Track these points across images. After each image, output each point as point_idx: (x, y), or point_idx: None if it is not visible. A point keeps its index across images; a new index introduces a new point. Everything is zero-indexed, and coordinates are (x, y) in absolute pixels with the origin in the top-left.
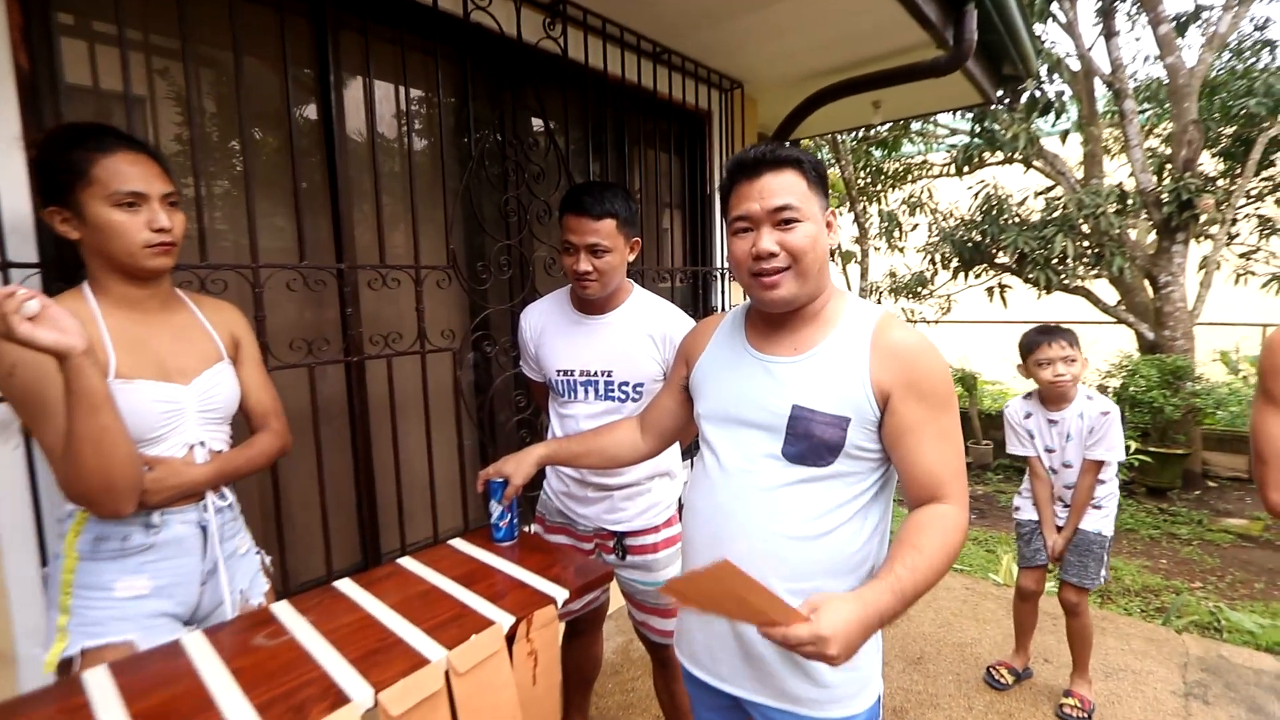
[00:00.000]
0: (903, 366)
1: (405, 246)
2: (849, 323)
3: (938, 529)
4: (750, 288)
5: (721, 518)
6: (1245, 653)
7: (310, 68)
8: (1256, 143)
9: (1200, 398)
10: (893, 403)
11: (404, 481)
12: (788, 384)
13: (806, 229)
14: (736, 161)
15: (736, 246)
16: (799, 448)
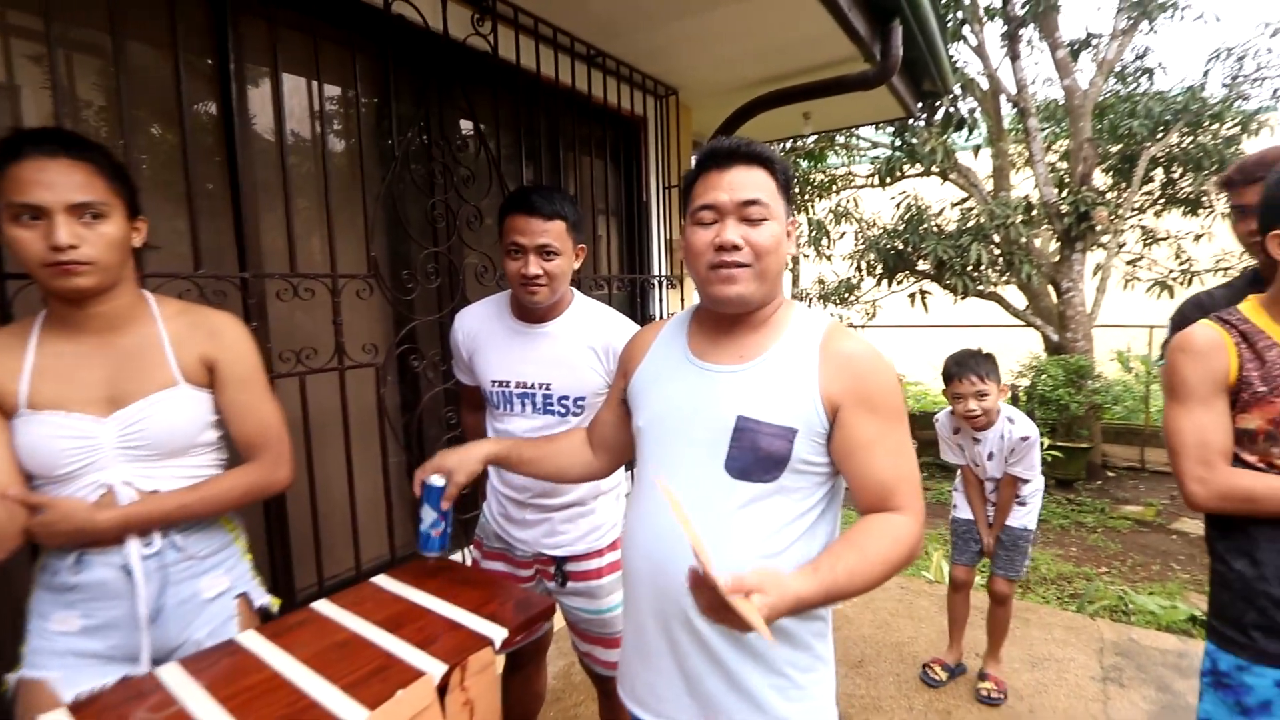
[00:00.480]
0: (853, 378)
1: (322, 254)
2: (796, 331)
3: (888, 538)
4: (706, 282)
5: (662, 544)
6: (1151, 634)
7: (207, 56)
8: (1139, 160)
9: (1100, 394)
10: (843, 415)
11: (322, 511)
12: (731, 394)
13: (772, 228)
14: (709, 151)
15: (697, 237)
16: (743, 462)
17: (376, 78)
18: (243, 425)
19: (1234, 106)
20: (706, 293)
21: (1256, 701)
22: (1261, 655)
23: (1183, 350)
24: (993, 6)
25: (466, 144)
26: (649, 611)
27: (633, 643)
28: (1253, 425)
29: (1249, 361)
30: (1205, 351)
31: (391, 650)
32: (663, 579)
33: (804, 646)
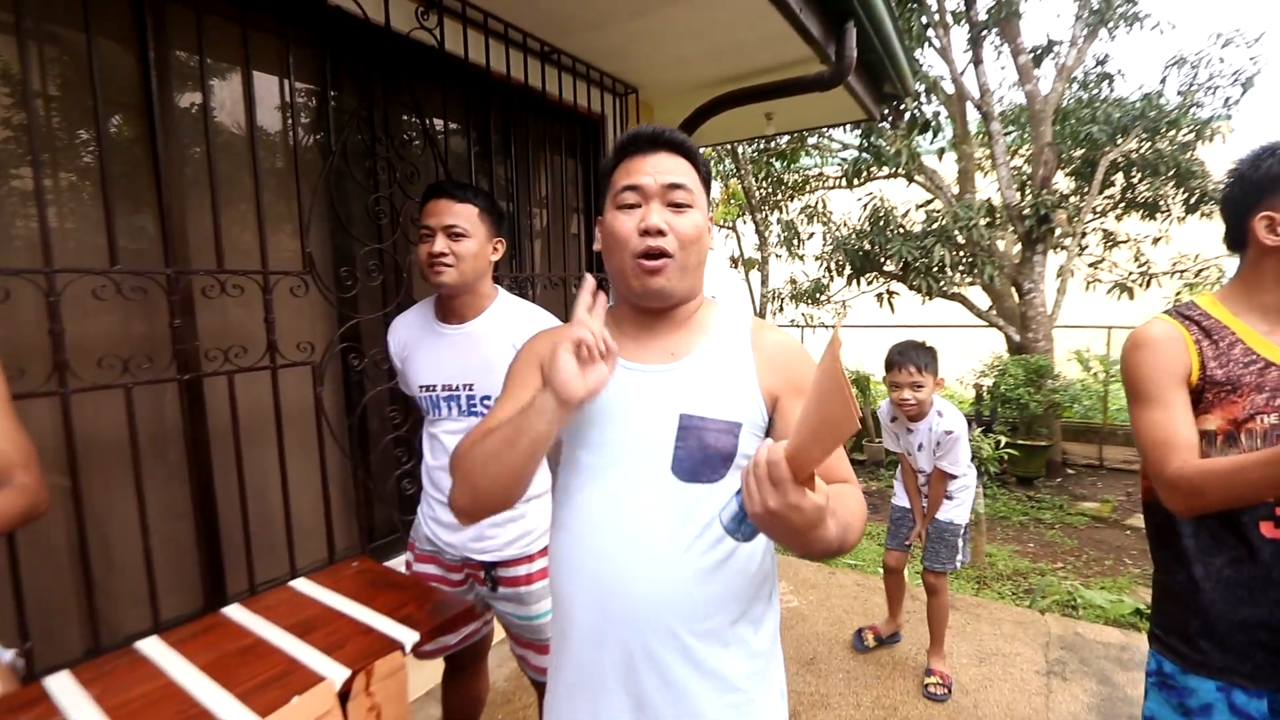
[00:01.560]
0: (788, 369)
1: (254, 249)
2: (723, 327)
3: (855, 499)
4: (629, 273)
5: (608, 564)
6: (1096, 628)
7: (123, 39)
8: (1100, 164)
9: (1059, 394)
10: (782, 405)
11: (255, 514)
12: (668, 392)
13: (696, 218)
14: (631, 135)
15: (620, 223)
16: (690, 462)
17: (314, 69)
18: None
19: (1189, 114)
20: (629, 286)
21: (1198, 704)
22: (1202, 666)
23: (1141, 347)
24: (957, 11)
25: (412, 140)
26: (595, 646)
27: (573, 682)
28: (1212, 427)
29: (1211, 359)
30: (1164, 348)
31: (296, 656)
32: (614, 603)
33: (759, 654)
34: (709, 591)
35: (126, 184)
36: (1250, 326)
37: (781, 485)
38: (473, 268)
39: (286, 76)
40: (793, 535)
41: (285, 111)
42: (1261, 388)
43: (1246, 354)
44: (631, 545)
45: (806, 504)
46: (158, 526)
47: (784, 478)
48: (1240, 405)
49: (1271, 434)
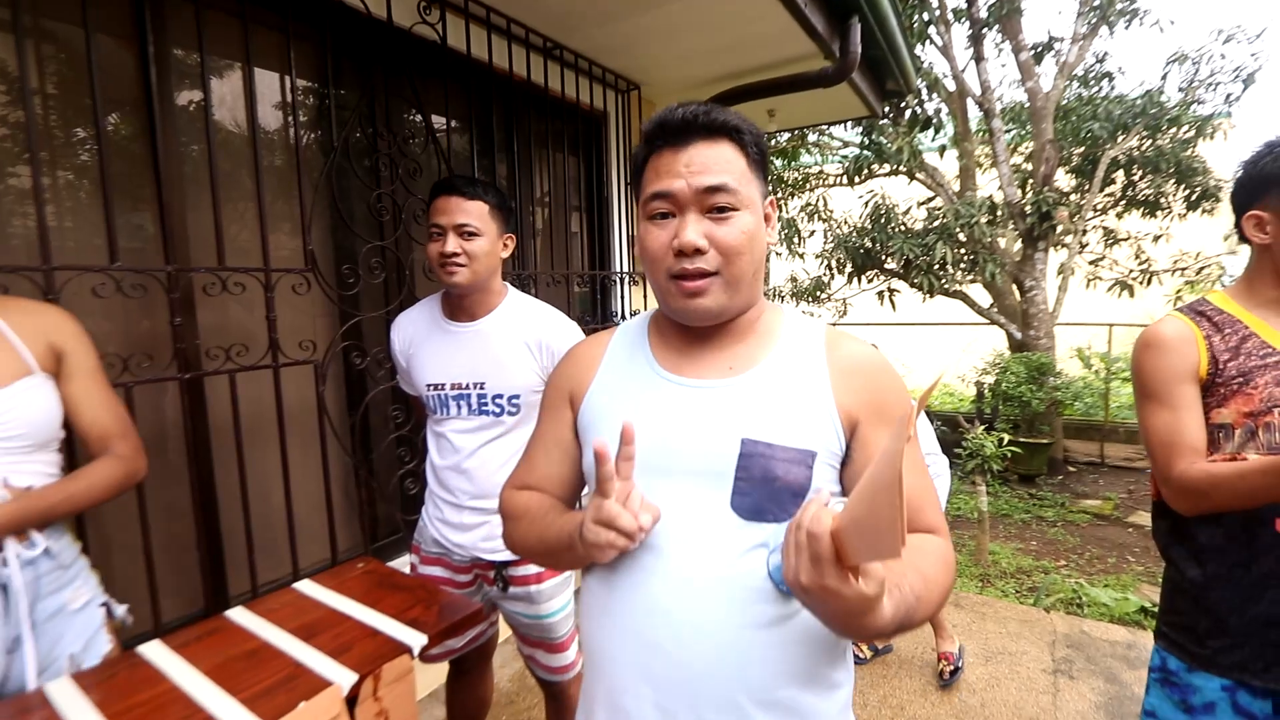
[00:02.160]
0: (869, 388)
1: (256, 247)
2: (792, 336)
3: (939, 560)
4: (666, 293)
5: (657, 619)
6: (1102, 626)
7: (122, 35)
8: (1100, 162)
9: (1061, 391)
10: (862, 433)
11: (257, 514)
12: (727, 412)
13: (744, 221)
14: (659, 123)
15: (652, 237)
16: (754, 497)
17: (315, 65)
18: (100, 416)
19: (1190, 111)
20: (667, 305)
21: (1202, 702)
22: (1210, 664)
23: (1150, 347)
24: (958, 8)
25: (414, 136)
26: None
27: None
28: (1228, 420)
29: (1222, 353)
30: (1174, 347)
31: (301, 660)
32: (661, 666)
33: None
34: (778, 652)
35: (126, 181)
36: (1264, 320)
37: (819, 564)
38: (485, 266)
39: (288, 73)
40: (831, 619)
41: (286, 108)
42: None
43: (1261, 347)
44: (684, 596)
45: (849, 592)
46: (158, 527)
47: (823, 556)
48: (1255, 398)
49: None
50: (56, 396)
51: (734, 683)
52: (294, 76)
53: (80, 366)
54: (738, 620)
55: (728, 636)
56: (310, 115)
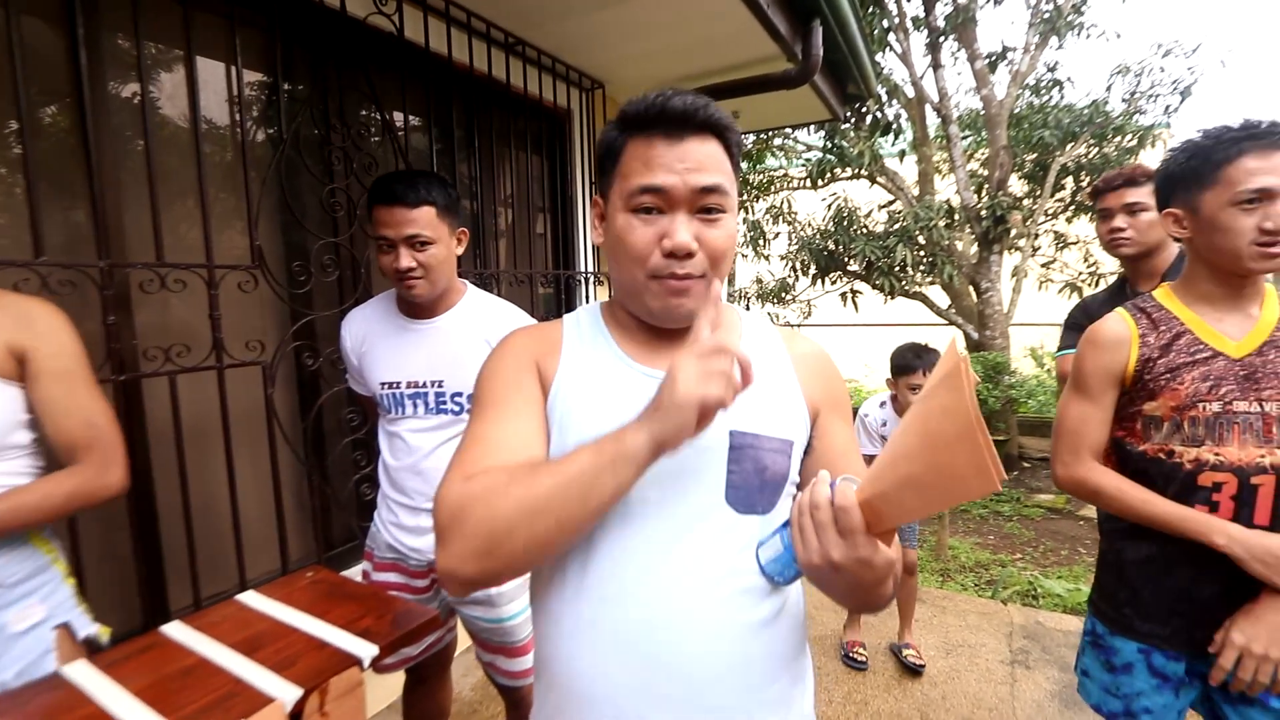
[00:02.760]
0: (825, 381)
1: (199, 243)
2: (753, 332)
3: None
4: (643, 291)
5: (656, 630)
6: (1056, 616)
7: (49, 18)
8: (1051, 168)
9: (1015, 389)
10: (822, 422)
11: (201, 524)
12: None
13: (730, 224)
14: (657, 109)
15: (635, 233)
16: (747, 489)
17: (263, 55)
18: (64, 422)
19: (1133, 120)
20: (643, 304)
21: (1122, 663)
22: (1128, 629)
23: (1089, 342)
24: (917, 17)
25: (370, 129)
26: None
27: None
28: (1158, 412)
29: (1154, 350)
30: (1107, 346)
31: (242, 676)
32: (662, 679)
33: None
34: (771, 648)
35: (55, 173)
36: (1200, 317)
37: (851, 537)
38: (444, 273)
39: (233, 63)
40: (853, 591)
41: (232, 99)
42: (1206, 376)
43: (1194, 344)
44: (683, 600)
45: (879, 559)
46: (91, 539)
47: (855, 527)
48: (1181, 393)
49: (1215, 422)
50: (10, 403)
51: (740, 686)
52: (240, 66)
53: (47, 368)
54: (741, 619)
55: (733, 637)
56: (259, 107)
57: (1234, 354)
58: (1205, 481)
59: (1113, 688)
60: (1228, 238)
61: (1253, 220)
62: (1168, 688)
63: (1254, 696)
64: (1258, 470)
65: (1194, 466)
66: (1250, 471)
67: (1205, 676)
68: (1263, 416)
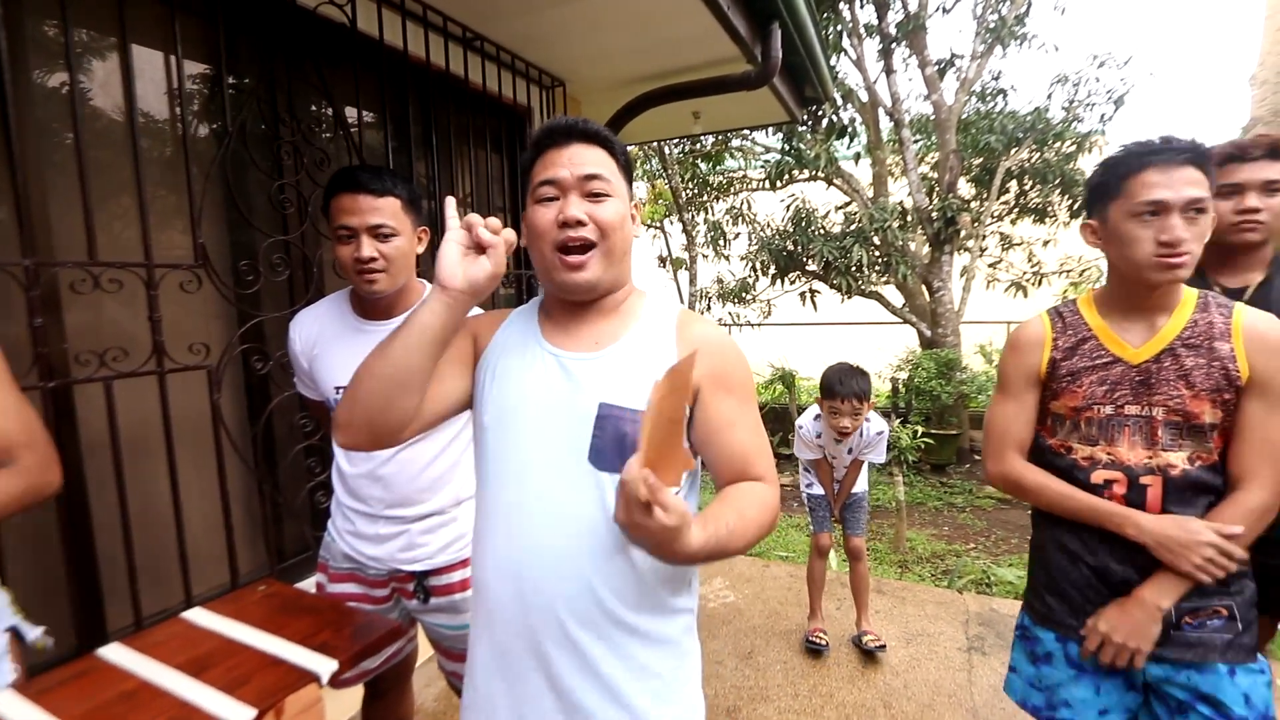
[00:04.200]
0: (710, 360)
1: (138, 241)
2: (650, 317)
3: (758, 502)
4: (552, 267)
5: (526, 552)
6: (1009, 603)
7: None
8: (997, 172)
9: (967, 385)
10: (703, 397)
11: (142, 537)
12: (590, 380)
13: (616, 205)
14: (546, 129)
15: (540, 216)
16: (607, 451)
17: (206, 44)
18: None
19: (1072, 127)
20: (553, 279)
21: (1043, 652)
22: (1046, 620)
23: (1010, 345)
24: (870, 24)
25: (322, 124)
26: (514, 632)
27: (491, 668)
28: (1061, 411)
29: (1060, 353)
30: (1025, 349)
31: (189, 698)
32: (529, 588)
33: (674, 643)
34: (621, 580)
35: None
36: (1108, 324)
37: (628, 503)
38: (404, 268)
39: (173, 52)
40: (647, 547)
41: (171, 90)
42: (1104, 380)
43: (1096, 349)
44: (547, 531)
45: (653, 524)
46: (18, 557)
47: (631, 498)
48: (1079, 395)
49: (1107, 423)
50: None
51: (590, 602)
52: (180, 56)
53: None
54: (588, 548)
55: (581, 562)
56: (201, 99)
57: (1132, 360)
58: (1098, 479)
59: (1036, 680)
60: (1129, 248)
61: (1149, 232)
62: (1086, 680)
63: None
64: (1146, 471)
65: (1088, 464)
66: (1139, 472)
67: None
68: (1150, 421)
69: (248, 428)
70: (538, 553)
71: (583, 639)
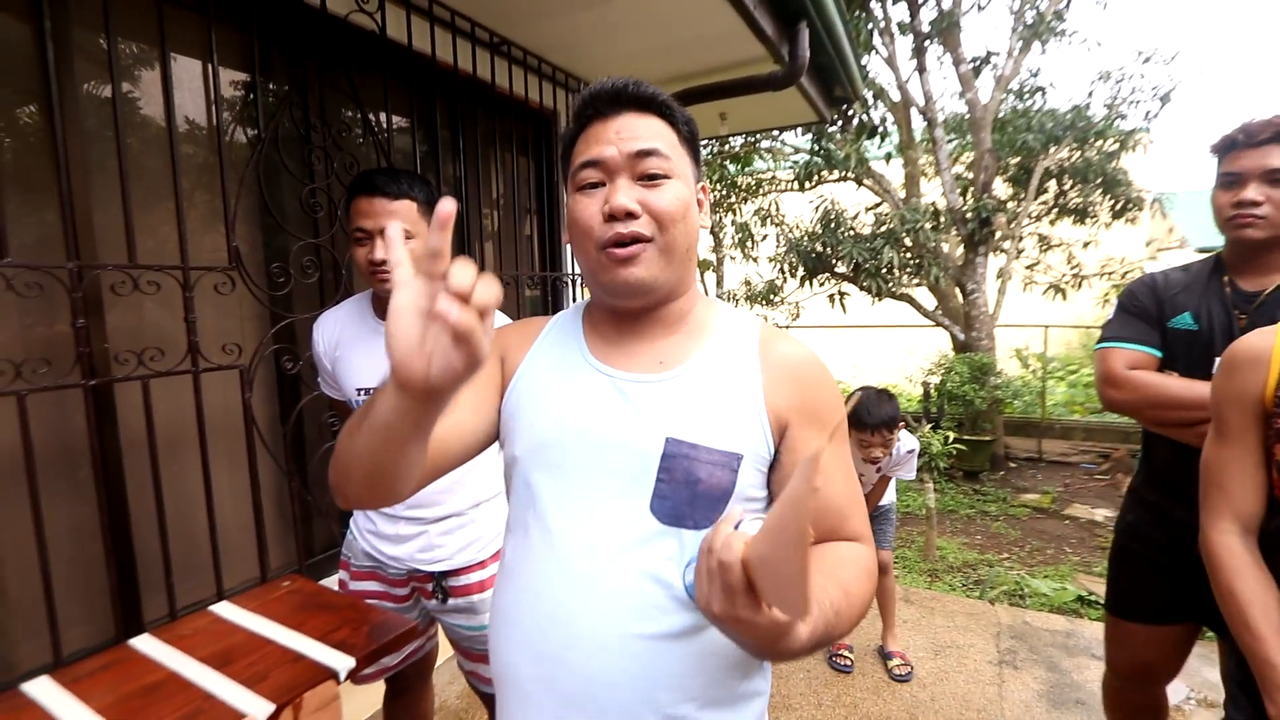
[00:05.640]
0: (802, 389)
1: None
2: (726, 332)
3: (862, 571)
4: (597, 267)
5: (561, 628)
6: (1043, 616)
7: (14, 10)
8: (1034, 171)
9: (1001, 390)
10: (791, 435)
11: (176, 532)
12: (653, 410)
13: (678, 189)
14: (590, 94)
15: (582, 208)
16: (674, 500)
17: (241, 52)
18: None
19: (1114, 125)
20: (599, 282)
21: None
22: None
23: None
24: (903, 22)
25: (352, 130)
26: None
27: None
28: None
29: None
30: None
31: (212, 691)
32: (564, 677)
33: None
34: (688, 665)
35: (22, 173)
36: None
37: (731, 595)
38: None
39: (209, 60)
40: (744, 646)
41: (209, 98)
42: None
43: None
44: (589, 603)
45: (762, 621)
46: (62, 549)
47: (735, 586)
48: None
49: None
50: None
51: (640, 698)
52: (217, 64)
53: None
54: (646, 631)
55: (634, 648)
56: (236, 106)
57: None
58: None
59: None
60: None
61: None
62: None
63: None
64: None
65: None
66: None
67: None
68: None
69: (278, 426)
70: (576, 630)
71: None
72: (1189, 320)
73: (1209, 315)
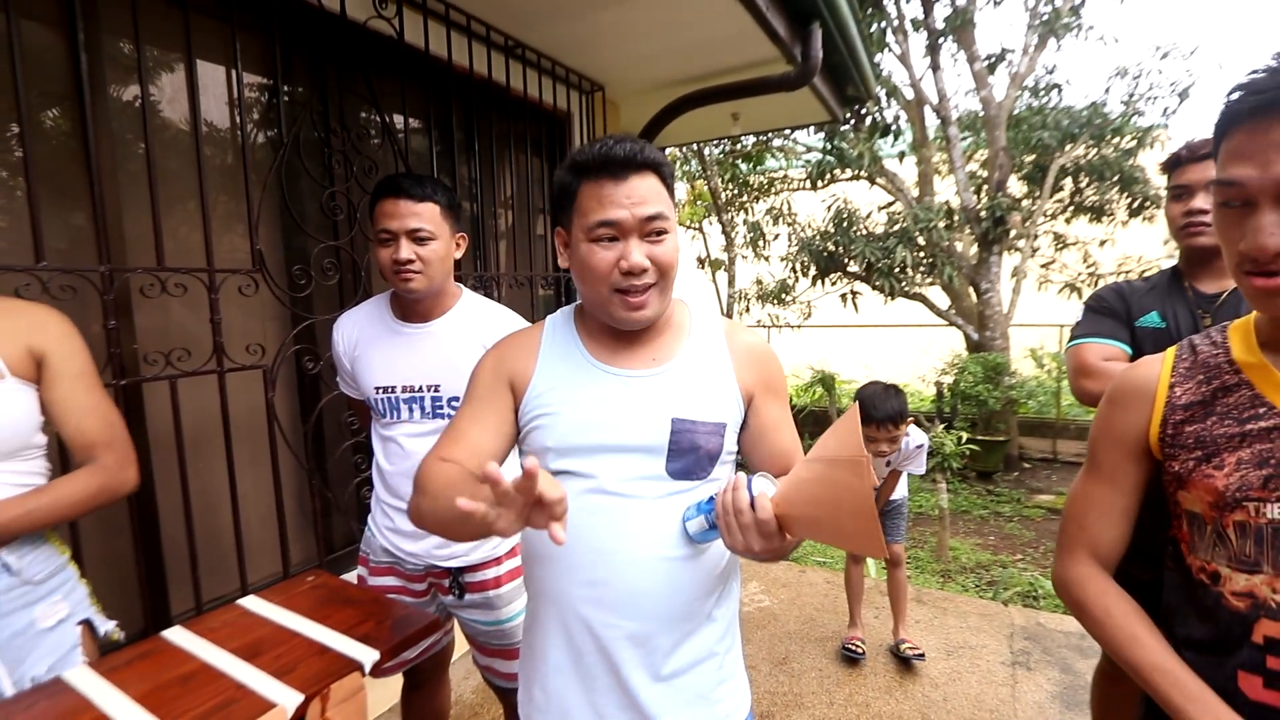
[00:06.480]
0: (761, 368)
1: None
2: (699, 330)
3: None
4: (608, 305)
5: (605, 558)
6: (1057, 618)
7: (49, 21)
8: (1050, 169)
9: (1015, 390)
10: (755, 403)
11: (202, 527)
12: (658, 397)
13: (673, 241)
14: (601, 157)
15: (599, 258)
16: (683, 462)
17: (263, 59)
18: (84, 422)
19: (1131, 122)
20: (609, 314)
21: None
22: None
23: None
24: (916, 19)
25: (370, 133)
26: (586, 634)
27: (566, 670)
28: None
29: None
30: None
31: (243, 681)
32: (611, 594)
33: (728, 621)
34: (692, 576)
35: (56, 178)
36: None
37: (771, 537)
38: (441, 270)
39: (233, 66)
40: (764, 559)
41: (232, 102)
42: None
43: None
44: (629, 539)
45: (788, 546)
46: (93, 543)
47: (773, 531)
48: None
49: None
50: (29, 402)
51: (664, 600)
52: (240, 70)
53: (65, 371)
54: (667, 555)
55: (661, 568)
56: (258, 111)
57: None
58: (1258, 636)
59: None
60: None
61: None
62: None
63: None
64: None
65: (1246, 607)
66: None
67: None
68: None
69: (299, 425)
70: (616, 557)
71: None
72: (1156, 319)
73: (1175, 315)
